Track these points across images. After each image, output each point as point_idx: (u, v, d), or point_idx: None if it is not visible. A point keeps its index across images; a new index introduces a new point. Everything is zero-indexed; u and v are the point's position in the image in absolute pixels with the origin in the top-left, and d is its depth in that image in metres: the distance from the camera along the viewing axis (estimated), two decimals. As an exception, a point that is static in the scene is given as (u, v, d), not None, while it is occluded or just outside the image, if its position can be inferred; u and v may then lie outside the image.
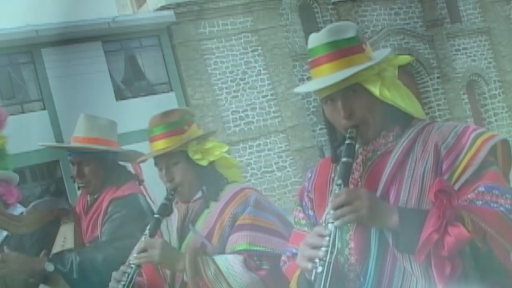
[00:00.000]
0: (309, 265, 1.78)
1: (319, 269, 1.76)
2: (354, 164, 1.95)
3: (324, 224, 1.81)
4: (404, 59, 2.01)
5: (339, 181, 1.84)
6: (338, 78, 1.86)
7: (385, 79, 1.91)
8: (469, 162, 1.79)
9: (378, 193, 1.87)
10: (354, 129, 1.91)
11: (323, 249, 1.76)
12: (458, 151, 1.82)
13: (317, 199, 2.04)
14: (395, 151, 1.91)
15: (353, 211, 1.76)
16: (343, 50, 1.89)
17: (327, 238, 1.77)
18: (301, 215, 2.10)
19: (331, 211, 1.79)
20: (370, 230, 1.86)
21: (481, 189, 1.76)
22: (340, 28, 1.93)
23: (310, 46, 1.95)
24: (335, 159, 2.00)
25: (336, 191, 1.83)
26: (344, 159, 1.88)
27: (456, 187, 1.79)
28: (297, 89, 2.10)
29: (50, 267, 2.95)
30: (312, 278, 1.77)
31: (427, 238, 1.69)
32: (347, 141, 1.90)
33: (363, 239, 1.89)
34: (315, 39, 1.93)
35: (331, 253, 1.76)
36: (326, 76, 1.89)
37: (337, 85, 1.87)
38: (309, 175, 2.14)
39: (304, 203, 2.10)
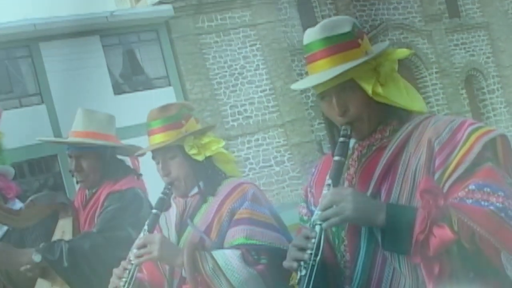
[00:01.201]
0: (295, 267, 1.80)
1: (303, 271, 1.77)
2: (350, 160, 1.94)
3: (311, 226, 1.82)
4: (403, 52, 1.98)
5: (329, 181, 1.84)
6: (331, 75, 1.84)
7: (381, 74, 1.88)
8: (461, 159, 1.76)
9: (370, 190, 1.86)
10: (348, 126, 1.89)
11: (308, 251, 1.77)
12: (452, 147, 1.78)
13: (317, 195, 2.03)
14: (390, 146, 1.89)
15: (337, 214, 1.75)
16: (337, 45, 1.87)
17: (312, 241, 1.78)
18: (304, 211, 2.11)
19: (319, 212, 1.78)
20: (361, 229, 1.86)
21: (472, 187, 1.72)
22: (335, 23, 1.91)
23: (305, 41, 1.93)
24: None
25: (325, 191, 1.83)
26: (336, 158, 1.87)
27: (448, 184, 1.76)
28: (293, 86, 2.09)
29: (37, 257, 2.93)
30: (297, 280, 1.78)
31: (415, 241, 1.69)
32: (340, 139, 1.89)
33: (355, 237, 1.89)
34: (310, 35, 1.92)
35: (316, 255, 1.76)
36: (320, 72, 1.87)
37: (331, 82, 1.85)
38: (313, 170, 2.14)
39: (308, 199, 2.10)
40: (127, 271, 2.39)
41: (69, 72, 17.68)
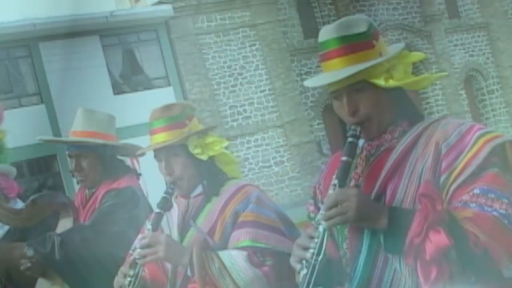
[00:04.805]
0: (297, 266, 1.82)
1: (305, 270, 1.79)
2: (358, 159, 1.95)
3: (315, 225, 1.84)
4: (417, 56, 1.98)
5: (335, 181, 1.84)
6: (342, 75, 1.84)
7: (393, 76, 1.88)
8: (468, 162, 1.76)
9: (375, 190, 1.86)
10: (357, 127, 1.89)
11: (311, 251, 1.79)
12: (460, 151, 1.79)
13: (325, 191, 2.03)
14: (398, 147, 1.89)
15: (340, 213, 1.76)
16: (351, 45, 1.87)
17: (315, 240, 1.79)
18: (311, 208, 2.11)
19: (323, 212, 1.80)
20: (364, 229, 1.86)
21: (477, 191, 1.73)
22: (351, 22, 1.91)
23: (320, 39, 1.93)
24: None
25: (330, 191, 1.83)
26: (343, 158, 1.87)
27: (453, 187, 1.76)
28: (306, 83, 2.08)
29: (29, 251, 2.91)
30: (300, 279, 1.80)
31: (409, 242, 1.69)
32: (349, 139, 1.89)
33: (356, 237, 1.89)
34: (326, 32, 1.92)
35: (317, 255, 1.78)
36: (333, 71, 1.88)
37: (342, 81, 1.86)
38: (323, 167, 2.15)
39: (316, 196, 2.11)
40: (132, 270, 2.39)
41: (69, 72, 17.69)
